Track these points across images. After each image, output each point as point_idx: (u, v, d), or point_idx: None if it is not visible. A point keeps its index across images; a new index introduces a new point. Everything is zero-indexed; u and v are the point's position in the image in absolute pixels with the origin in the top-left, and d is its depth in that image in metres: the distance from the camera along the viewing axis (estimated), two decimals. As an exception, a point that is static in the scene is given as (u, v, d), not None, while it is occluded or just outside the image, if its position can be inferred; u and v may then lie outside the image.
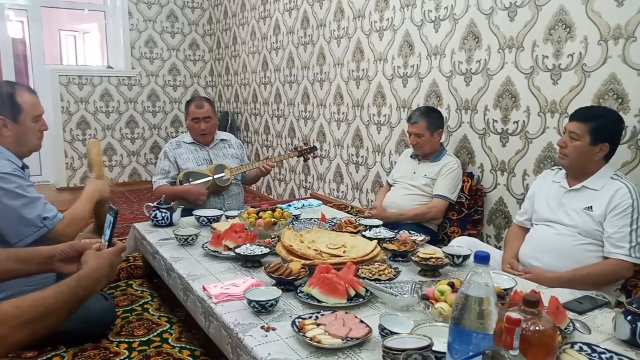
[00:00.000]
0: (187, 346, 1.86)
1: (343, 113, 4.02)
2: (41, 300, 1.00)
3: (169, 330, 1.98)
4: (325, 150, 4.31)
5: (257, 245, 2.00)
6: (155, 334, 1.95)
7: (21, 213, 1.81)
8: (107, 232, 1.26)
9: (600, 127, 1.91)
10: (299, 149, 3.19)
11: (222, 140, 3.13)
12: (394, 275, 1.71)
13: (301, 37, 4.48)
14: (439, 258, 1.86)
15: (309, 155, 3.22)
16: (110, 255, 1.19)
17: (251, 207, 2.52)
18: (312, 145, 3.26)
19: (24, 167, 1.96)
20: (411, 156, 2.93)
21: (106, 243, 1.24)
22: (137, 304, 2.23)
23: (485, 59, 2.76)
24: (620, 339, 1.36)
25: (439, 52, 3.06)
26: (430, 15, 3.09)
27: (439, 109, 2.96)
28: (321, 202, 3.19)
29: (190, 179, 2.88)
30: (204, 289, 1.69)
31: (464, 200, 2.82)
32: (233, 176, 2.98)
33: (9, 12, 5.54)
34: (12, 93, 1.89)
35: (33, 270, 1.28)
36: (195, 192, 2.82)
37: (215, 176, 2.90)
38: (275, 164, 3.12)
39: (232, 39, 5.78)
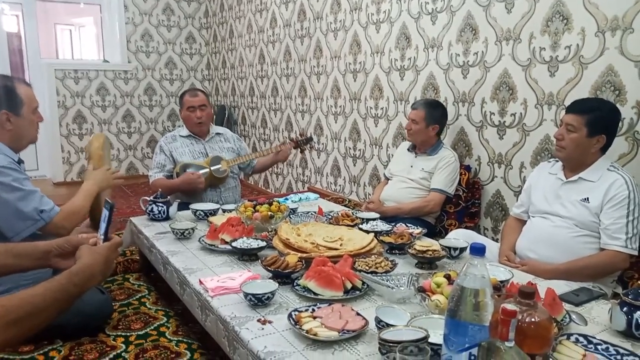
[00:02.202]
0: (184, 340, 1.86)
1: (340, 106, 4.01)
2: (29, 299, 0.97)
3: (166, 324, 1.98)
4: (323, 143, 4.30)
5: (253, 238, 2.00)
6: (152, 327, 1.95)
7: (17, 206, 1.80)
8: (103, 226, 1.24)
9: (597, 119, 1.91)
10: (294, 140, 3.18)
11: (217, 134, 3.12)
12: (391, 268, 1.71)
13: (298, 29, 4.45)
14: (435, 250, 1.86)
15: (305, 147, 3.21)
16: (106, 250, 1.16)
17: (248, 200, 2.51)
18: (308, 136, 3.24)
19: (20, 161, 1.95)
20: (408, 149, 2.92)
21: (102, 237, 1.22)
22: (134, 298, 2.23)
23: (483, 51, 2.75)
24: (617, 330, 1.37)
25: (436, 45, 3.05)
26: (427, 7, 3.08)
27: (436, 101, 2.95)
28: (318, 196, 3.19)
29: (187, 170, 2.87)
30: (201, 282, 1.69)
31: (461, 193, 2.81)
32: (230, 167, 2.98)
33: (4, 5, 5.50)
34: (12, 86, 1.88)
35: (30, 266, 1.26)
36: (192, 180, 2.79)
37: (212, 167, 2.89)
38: (290, 147, 3.11)
39: (229, 32, 5.75)
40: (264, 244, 1.95)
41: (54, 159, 5.58)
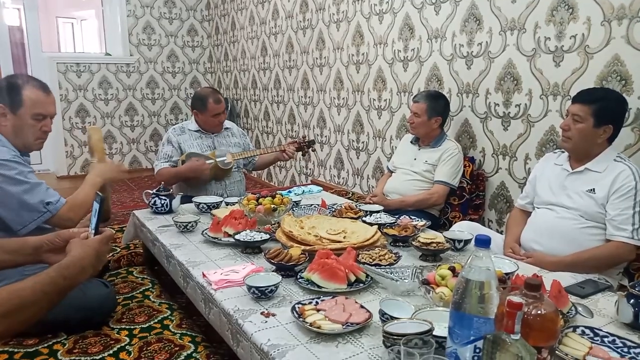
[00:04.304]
0: (188, 333, 1.85)
1: (343, 98, 3.99)
2: (17, 293, 0.95)
3: (169, 317, 1.97)
4: (326, 136, 4.28)
5: (256, 231, 1.99)
6: (156, 320, 1.95)
7: (23, 199, 1.80)
8: (93, 220, 1.22)
9: (603, 109, 1.89)
10: (298, 143, 3.15)
11: (226, 128, 3.12)
12: (395, 261, 1.70)
13: (300, 21, 4.42)
14: (440, 243, 1.85)
15: (307, 150, 3.19)
16: (96, 243, 1.14)
17: (251, 193, 2.50)
18: (310, 140, 3.22)
19: (24, 155, 1.95)
20: (411, 141, 2.90)
21: (93, 231, 1.20)
22: (138, 291, 2.22)
23: (487, 42, 2.72)
24: (623, 322, 1.35)
25: (439, 35, 3.02)
26: (430, -3, 3.05)
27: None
28: (321, 189, 3.18)
29: (192, 158, 2.87)
30: (204, 275, 1.68)
31: (465, 185, 2.80)
32: (235, 161, 2.97)
33: (5, -1, 5.49)
34: (20, 86, 1.89)
35: (22, 262, 1.25)
36: (197, 167, 2.80)
37: (218, 159, 2.89)
38: (295, 149, 3.09)
39: (231, 25, 5.72)
40: (267, 236, 1.94)
41: (57, 152, 5.58)
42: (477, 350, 0.99)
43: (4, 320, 0.92)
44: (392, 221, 2.17)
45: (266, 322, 1.37)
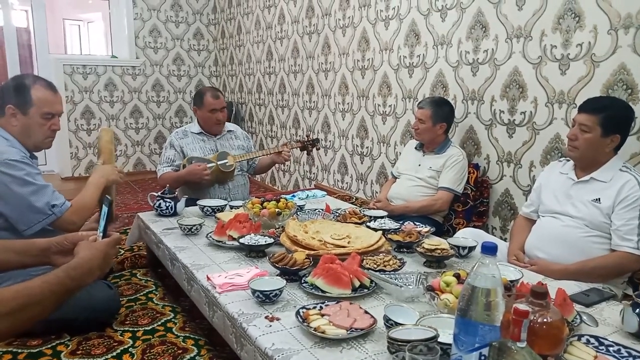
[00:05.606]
0: (191, 336, 1.85)
1: (348, 103, 4.00)
2: (24, 291, 0.96)
3: (173, 320, 1.97)
4: (330, 141, 4.29)
5: (261, 235, 2.00)
6: (159, 323, 1.95)
7: (30, 200, 1.82)
8: (102, 223, 1.23)
9: (610, 118, 1.88)
10: (301, 142, 3.17)
11: (229, 131, 3.13)
12: (399, 266, 1.70)
13: (306, 26, 4.44)
14: (444, 249, 1.85)
15: (311, 148, 3.20)
16: (104, 246, 1.16)
17: (255, 197, 2.51)
18: (314, 138, 3.23)
19: (32, 157, 1.97)
20: (416, 147, 2.90)
21: (101, 234, 1.21)
22: (142, 293, 2.22)
23: (493, 49, 2.73)
24: (628, 332, 1.35)
25: (445, 42, 3.03)
26: (436, 4, 3.05)
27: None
28: (325, 193, 3.18)
29: (193, 162, 2.87)
30: (208, 278, 1.68)
31: (469, 192, 2.80)
32: (237, 163, 2.97)
33: (13, 0, 5.52)
34: (28, 86, 1.90)
35: (29, 263, 1.26)
36: (198, 171, 2.78)
37: (219, 162, 2.89)
38: (290, 152, 3.09)
39: (237, 29, 5.75)
40: (271, 240, 1.94)
41: (62, 154, 5.61)
42: (483, 358, 0.99)
43: (9, 317, 0.92)
44: (396, 227, 2.17)
45: (270, 326, 1.36)
